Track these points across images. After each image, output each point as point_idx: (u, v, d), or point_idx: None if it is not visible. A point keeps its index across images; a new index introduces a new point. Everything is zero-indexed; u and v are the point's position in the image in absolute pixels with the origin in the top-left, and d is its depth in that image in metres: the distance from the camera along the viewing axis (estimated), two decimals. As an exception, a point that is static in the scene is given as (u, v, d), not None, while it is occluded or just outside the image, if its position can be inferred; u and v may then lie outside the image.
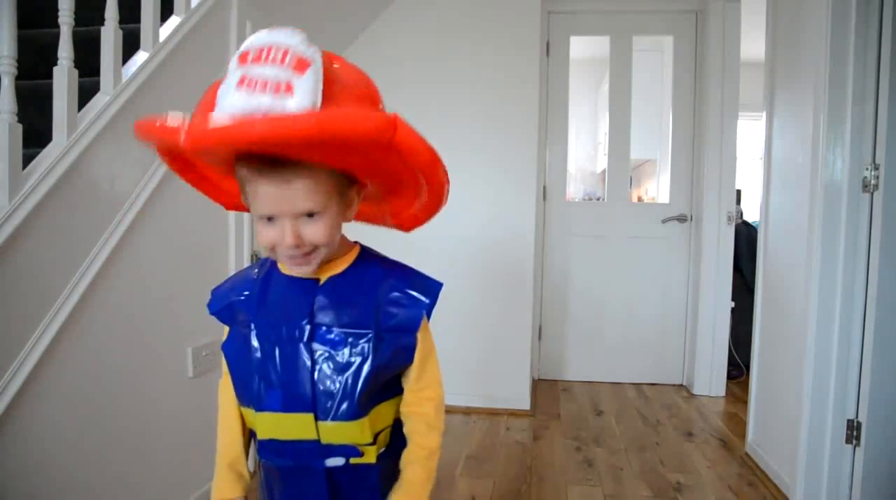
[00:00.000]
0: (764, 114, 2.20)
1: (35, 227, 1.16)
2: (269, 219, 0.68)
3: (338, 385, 0.74)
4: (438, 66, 2.73)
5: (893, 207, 1.61)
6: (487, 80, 2.71)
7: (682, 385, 3.21)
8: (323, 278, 0.77)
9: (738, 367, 3.22)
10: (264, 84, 0.57)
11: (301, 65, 0.58)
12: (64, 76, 1.26)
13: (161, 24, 1.58)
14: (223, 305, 0.83)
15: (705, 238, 3.01)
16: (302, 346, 0.75)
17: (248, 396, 0.78)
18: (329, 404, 0.75)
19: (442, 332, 2.86)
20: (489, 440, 2.41)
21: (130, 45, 1.47)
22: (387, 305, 0.77)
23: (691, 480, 2.05)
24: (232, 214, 1.91)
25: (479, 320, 2.75)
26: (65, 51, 1.28)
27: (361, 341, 0.75)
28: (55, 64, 1.27)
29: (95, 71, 1.39)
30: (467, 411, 2.73)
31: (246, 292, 0.81)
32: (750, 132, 3.78)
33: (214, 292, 0.86)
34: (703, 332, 3.03)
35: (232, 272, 1.90)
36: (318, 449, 0.76)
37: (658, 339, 3.23)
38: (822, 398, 1.75)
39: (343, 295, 0.77)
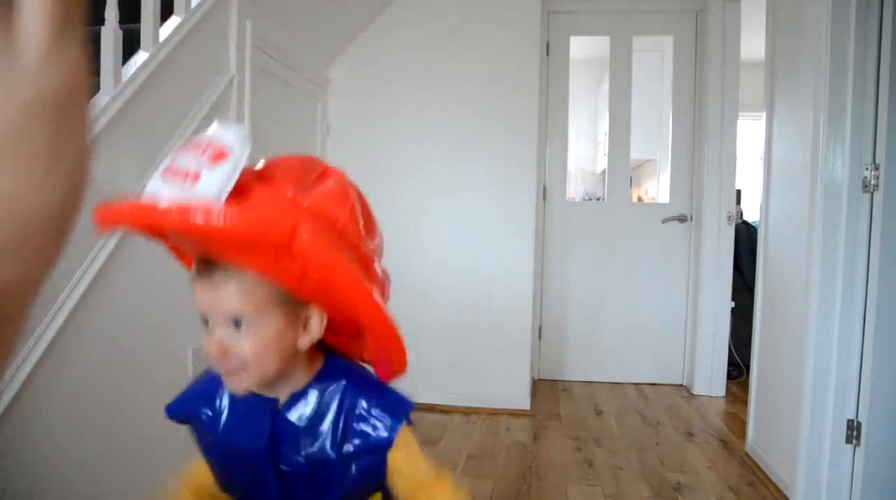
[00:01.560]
0: (764, 114, 2.20)
1: (35, 227, 1.16)
2: (206, 324, 0.65)
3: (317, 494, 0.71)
4: (438, 67, 2.73)
5: (893, 207, 1.61)
6: (487, 80, 2.71)
7: (682, 385, 3.21)
8: (281, 399, 0.70)
9: (738, 367, 3.22)
10: (177, 173, 0.55)
11: (218, 156, 0.55)
12: (64, 76, 1.26)
13: (161, 24, 1.58)
14: (185, 413, 0.77)
15: (705, 238, 3.01)
16: (269, 465, 0.70)
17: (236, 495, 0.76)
18: None
19: (442, 332, 2.88)
20: (489, 440, 2.41)
21: (130, 45, 1.47)
22: (351, 426, 0.69)
23: (691, 480, 2.05)
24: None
25: (480, 320, 2.75)
26: (65, 51, 1.28)
27: (324, 465, 0.69)
28: (55, 64, 1.27)
29: (95, 71, 1.39)
30: (467, 411, 2.73)
31: (208, 412, 0.75)
32: (750, 132, 3.78)
33: (170, 406, 0.79)
34: (703, 332, 3.03)
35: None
36: None
37: (658, 339, 3.23)
38: (822, 398, 1.75)
39: (304, 420, 0.70)
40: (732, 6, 2.94)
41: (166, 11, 1.63)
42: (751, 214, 3.77)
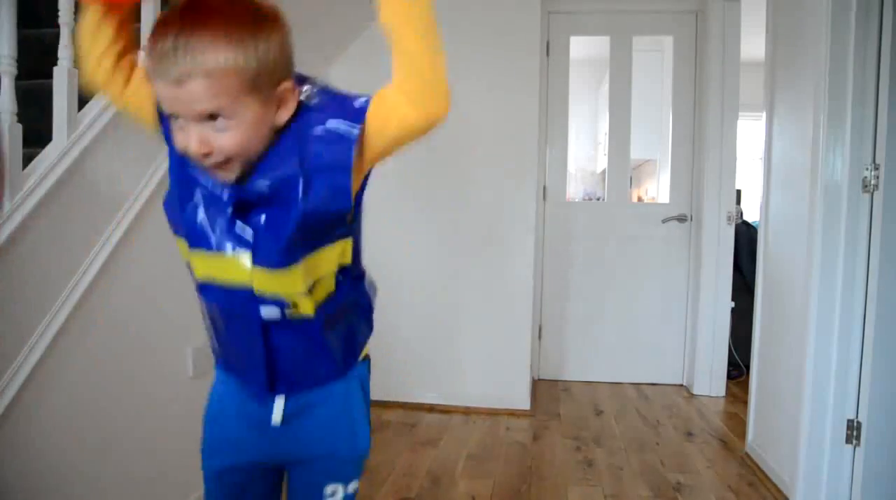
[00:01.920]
0: (764, 114, 2.20)
1: (35, 227, 1.16)
2: (176, 119, 0.63)
3: (265, 228, 0.69)
4: (438, 66, 2.73)
5: (893, 207, 1.61)
6: (487, 80, 2.71)
7: (682, 385, 3.21)
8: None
9: (738, 367, 3.22)
10: None
11: None
12: (64, 76, 1.26)
13: (161, 24, 1.58)
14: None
15: (705, 238, 3.01)
16: (231, 197, 0.68)
17: (177, 223, 0.74)
18: (259, 248, 0.69)
19: (442, 332, 2.88)
20: (489, 440, 2.41)
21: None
22: (311, 145, 0.66)
23: (691, 480, 2.05)
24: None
25: (480, 320, 2.75)
26: (65, 51, 1.28)
27: (287, 183, 0.66)
28: (55, 64, 1.27)
29: (95, 71, 1.39)
30: (467, 411, 2.73)
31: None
32: (750, 132, 3.77)
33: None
34: (703, 332, 3.03)
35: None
36: (251, 298, 0.72)
37: (658, 339, 3.23)
38: (822, 398, 1.75)
39: (271, 149, 0.67)
40: (732, 6, 2.94)
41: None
42: (751, 214, 3.77)
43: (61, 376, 1.23)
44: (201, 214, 0.70)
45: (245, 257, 0.69)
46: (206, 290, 0.75)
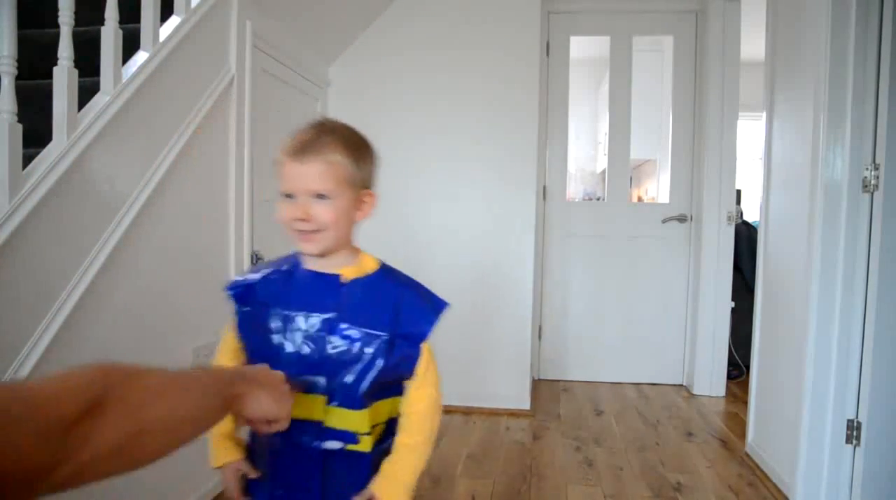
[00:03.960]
0: (764, 114, 2.20)
1: (35, 227, 1.16)
2: (289, 197, 0.82)
3: (349, 376, 0.84)
4: (438, 67, 2.73)
5: (893, 207, 1.61)
6: (487, 81, 2.71)
7: (682, 385, 3.21)
8: (348, 278, 0.87)
9: (738, 367, 3.22)
10: None
11: None
12: (64, 76, 1.26)
13: (161, 24, 1.58)
14: (242, 285, 0.90)
15: (705, 238, 3.01)
16: (322, 336, 0.84)
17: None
18: (339, 391, 0.84)
19: (442, 332, 2.87)
20: (489, 440, 2.41)
21: (130, 45, 1.47)
22: (402, 314, 0.87)
23: (691, 480, 2.05)
24: (232, 214, 1.91)
25: (480, 320, 2.75)
26: (65, 51, 1.28)
27: (376, 341, 0.84)
28: (55, 64, 1.27)
29: (95, 71, 1.39)
30: (467, 411, 2.73)
31: (270, 274, 0.91)
32: (750, 132, 3.77)
33: (234, 280, 0.93)
34: (703, 332, 3.03)
35: (232, 273, 1.90)
36: (320, 431, 0.84)
37: (658, 339, 3.23)
38: (822, 398, 1.75)
39: (364, 297, 0.87)
40: (732, 6, 2.94)
41: (166, 11, 1.63)
42: (751, 214, 3.77)
43: (61, 376, 1.23)
44: (285, 360, 0.84)
45: (322, 397, 0.84)
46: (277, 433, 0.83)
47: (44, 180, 1.18)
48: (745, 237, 3.22)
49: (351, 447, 0.85)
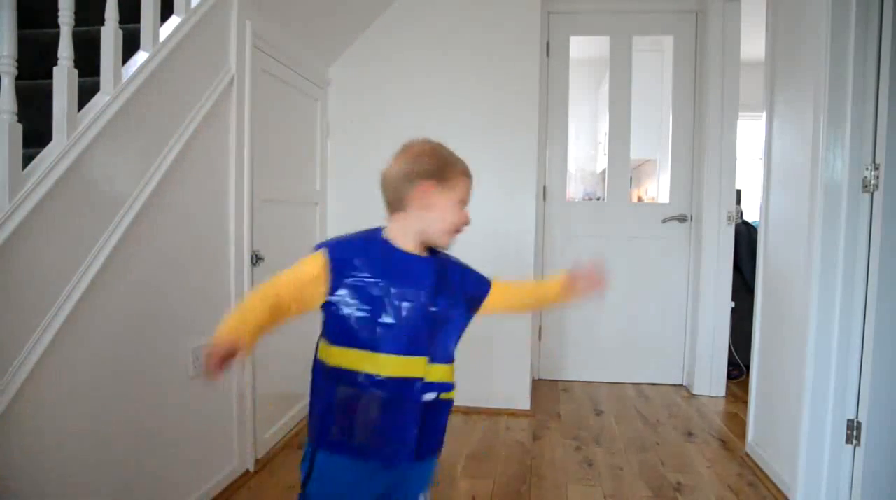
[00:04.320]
0: (764, 114, 2.20)
1: (35, 227, 1.16)
2: (460, 206, 1.09)
3: (444, 336, 1.06)
4: (438, 67, 2.73)
5: (893, 207, 1.61)
6: (487, 81, 2.71)
7: (682, 385, 3.21)
8: (427, 255, 1.08)
9: (738, 367, 3.22)
10: None
11: None
12: (64, 76, 1.26)
13: (161, 24, 1.58)
14: (343, 257, 1.01)
15: (705, 238, 3.01)
16: (426, 307, 1.02)
17: (365, 340, 0.99)
18: (437, 350, 1.04)
19: (442, 332, 2.85)
20: (489, 440, 2.41)
21: (130, 45, 1.47)
22: (467, 283, 1.13)
23: (691, 480, 2.05)
24: (232, 214, 1.91)
25: (480, 320, 2.74)
26: (65, 51, 1.28)
27: (458, 308, 1.08)
28: (55, 64, 1.27)
29: (95, 71, 1.39)
30: (467, 411, 2.73)
31: (366, 249, 1.05)
32: (750, 132, 3.77)
33: (331, 244, 1.04)
34: (703, 332, 3.03)
35: (231, 271, 1.90)
36: (421, 385, 1.02)
37: (658, 339, 3.23)
38: (822, 398, 1.75)
39: (442, 273, 1.08)
40: (732, 6, 2.94)
41: (166, 11, 1.63)
42: (751, 214, 3.77)
43: (61, 376, 1.23)
44: (396, 329, 1.00)
45: (424, 358, 1.03)
46: (381, 384, 1.00)
47: (44, 180, 1.18)
48: (745, 237, 3.22)
49: (444, 395, 1.08)
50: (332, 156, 2.80)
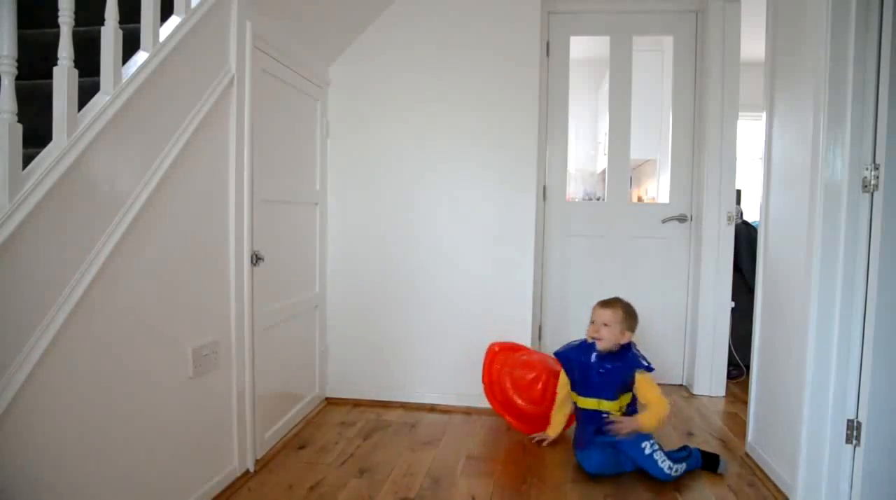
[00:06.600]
0: (764, 114, 2.20)
1: (35, 227, 1.16)
2: (593, 324, 2.16)
3: (607, 389, 2.11)
4: (438, 67, 2.73)
5: (893, 207, 1.61)
6: (487, 81, 2.71)
7: (682, 385, 3.21)
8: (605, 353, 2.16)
9: (738, 367, 3.22)
10: None
11: None
12: (64, 76, 1.26)
13: (161, 24, 1.58)
14: (566, 357, 2.23)
15: (705, 238, 3.01)
16: (602, 374, 2.12)
17: (579, 390, 2.17)
18: (605, 395, 2.11)
19: (443, 332, 2.87)
20: (489, 440, 2.41)
21: (130, 45, 1.47)
22: (629, 361, 2.12)
23: (691, 480, 2.05)
24: (232, 214, 1.91)
25: (480, 320, 2.75)
26: (65, 51, 1.28)
27: (618, 375, 2.11)
28: (55, 64, 1.27)
29: (95, 71, 1.39)
30: (467, 411, 2.73)
31: (577, 353, 2.20)
32: (750, 132, 3.77)
33: (562, 352, 2.26)
34: (703, 332, 3.04)
35: (232, 271, 1.91)
36: (600, 412, 2.12)
37: (658, 339, 3.22)
38: (822, 398, 1.75)
39: (610, 361, 2.13)
40: (732, 6, 2.94)
41: (166, 11, 1.63)
42: (751, 214, 3.77)
43: (61, 376, 1.23)
44: (586, 382, 2.17)
45: (601, 399, 2.13)
46: (583, 411, 2.16)
47: (44, 180, 1.18)
48: (745, 237, 3.22)
49: (612, 416, 2.09)
50: (332, 156, 2.80)
